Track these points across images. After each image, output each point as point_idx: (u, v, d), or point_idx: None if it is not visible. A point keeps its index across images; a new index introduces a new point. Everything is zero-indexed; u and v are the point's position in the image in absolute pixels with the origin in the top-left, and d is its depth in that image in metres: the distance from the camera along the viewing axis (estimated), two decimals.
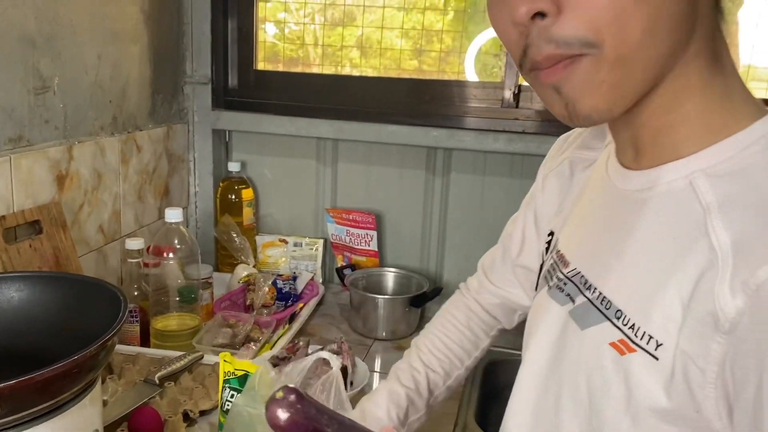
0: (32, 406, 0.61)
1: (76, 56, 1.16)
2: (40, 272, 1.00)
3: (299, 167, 1.60)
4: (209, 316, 1.27)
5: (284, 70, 1.64)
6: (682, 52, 0.49)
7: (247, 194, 1.55)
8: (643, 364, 0.48)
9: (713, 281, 0.44)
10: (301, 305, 1.34)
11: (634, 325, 0.49)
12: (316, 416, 0.43)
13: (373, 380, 1.14)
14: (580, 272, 0.58)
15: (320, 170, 1.59)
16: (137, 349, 1.12)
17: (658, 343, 0.48)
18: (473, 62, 1.52)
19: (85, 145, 1.18)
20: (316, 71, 1.63)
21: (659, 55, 0.48)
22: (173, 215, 1.18)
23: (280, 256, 1.54)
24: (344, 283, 1.44)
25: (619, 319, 0.51)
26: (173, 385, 0.99)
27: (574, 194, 0.68)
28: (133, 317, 1.16)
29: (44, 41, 1.07)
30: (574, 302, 0.57)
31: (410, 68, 1.57)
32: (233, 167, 1.56)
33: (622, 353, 0.50)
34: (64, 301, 0.82)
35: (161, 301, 1.17)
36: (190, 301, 1.19)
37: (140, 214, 1.39)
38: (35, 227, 1.07)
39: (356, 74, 1.60)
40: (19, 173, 1.03)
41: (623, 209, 0.55)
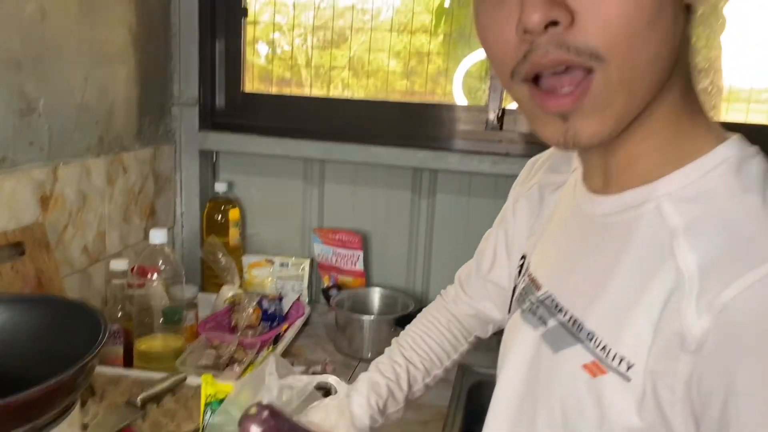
0: (8, 430, 0.61)
1: (62, 78, 1.16)
2: (20, 295, 1.00)
3: (286, 187, 1.60)
4: (194, 337, 1.27)
5: (276, 89, 1.65)
6: (666, 81, 0.50)
7: (233, 214, 1.56)
8: (614, 385, 0.49)
9: (680, 302, 0.45)
10: (285, 326, 1.34)
11: (605, 346, 0.50)
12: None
13: None
14: (551, 295, 0.59)
15: (307, 190, 1.59)
16: (120, 370, 1.12)
17: (629, 364, 0.48)
18: (461, 84, 1.54)
19: (70, 166, 1.19)
20: (307, 91, 1.64)
21: (657, 82, 0.49)
22: (158, 236, 1.18)
23: (266, 276, 1.54)
24: (330, 303, 1.44)
25: (590, 341, 0.52)
26: (156, 407, 0.98)
27: (544, 218, 0.70)
28: (116, 338, 1.15)
29: (30, 63, 1.08)
30: (546, 325, 0.58)
31: (401, 88, 1.59)
32: (220, 188, 1.56)
33: (594, 375, 0.50)
34: (44, 323, 0.82)
35: (145, 322, 1.16)
36: (174, 322, 1.19)
37: (125, 234, 1.38)
38: (18, 249, 1.06)
39: (343, 97, 1.62)
40: (2, 195, 1.03)
41: (592, 233, 0.56)
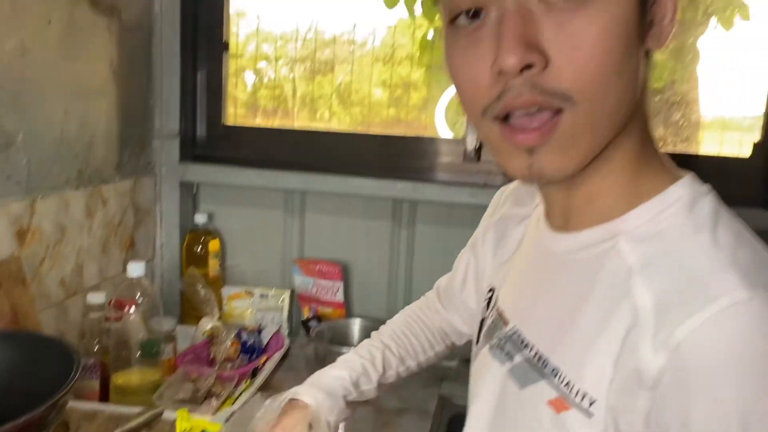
0: None
1: (41, 112, 1.17)
2: None
3: (267, 218, 1.61)
4: (172, 370, 1.26)
5: (262, 118, 1.68)
6: (628, 123, 0.52)
7: (213, 246, 1.56)
8: (578, 421, 0.50)
9: (637, 340, 0.47)
10: (264, 358, 1.33)
11: (569, 382, 0.51)
12: None
13: None
14: (518, 331, 0.60)
15: (288, 221, 1.60)
16: (96, 405, 1.10)
17: (591, 399, 0.49)
18: (444, 115, 1.57)
19: (48, 199, 1.19)
20: (293, 119, 1.67)
21: (620, 124, 0.51)
22: (135, 269, 1.18)
23: (246, 308, 1.53)
24: (310, 335, 1.44)
25: (555, 377, 0.53)
26: None
27: (509, 251, 0.71)
28: (92, 373, 1.14)
29: (9, 98, 1.09)
30: (513, 361, 0.59)
31: (388, 117, 1.62)
32: (200, 219, 1.56)
33: (558, 411, 0.51)
34: (17, 359, 0.81)
35: (122, 355, 1.15)
36: (152, 355, 1.18)
37: (104, 267, 1.38)
38: None
39: (324, 129, 1.64)
40: None
41: (554, 270, 0.57)
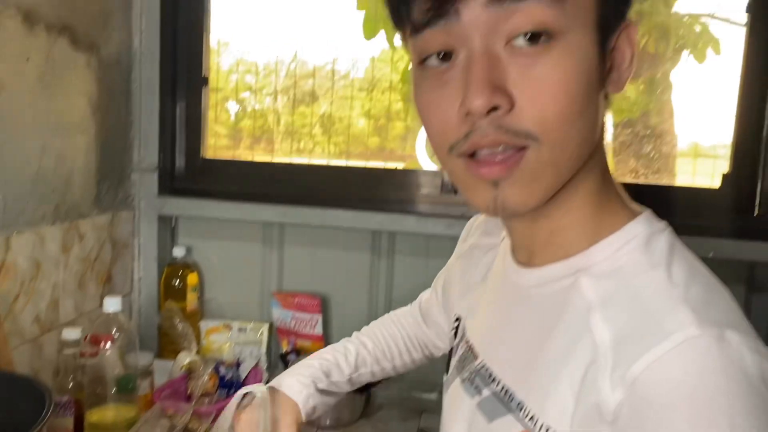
0: None
1: (18, 148, 1.17)
2: None
3: (245, 251, 1.61)
4: (149, 406, 1.24)
5: (245, 147, 1.70)
6: (589, 161, 0.54)
7: (191, 279, 1.55)
8: None
9: (596, 375, 0.48)
10: None
11: (533, 416, 0.52)
12: None
13: None
14: (485, 365, 0.61)
15: (266, 254, 1.60)
16: None
17: None
18: (424, 145, 1.60)
19: (23, 235, 1.18)
20: (277, 148, 1.70)
21: (582, 161, 0.53)
22: (112, 304, 1.17)
23: (224, 341, 1.52)
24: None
25: (520, 411, 0.53)
26: None
27: (475, 281, 0.73)
28: (66, 410, 1.12)
29: None
30: (481, 395, 0.59)
31: (372, 146, 1.65)
32: (178, 252, 1.56)
33: None
34: None
35: (97, 392, 1.14)
36: (128, 390, 1.16)
37: (80, 302, 1.37)
38: None
39: (302, 162, 1.67)
40: None
41: (519, 305, 0.59)
